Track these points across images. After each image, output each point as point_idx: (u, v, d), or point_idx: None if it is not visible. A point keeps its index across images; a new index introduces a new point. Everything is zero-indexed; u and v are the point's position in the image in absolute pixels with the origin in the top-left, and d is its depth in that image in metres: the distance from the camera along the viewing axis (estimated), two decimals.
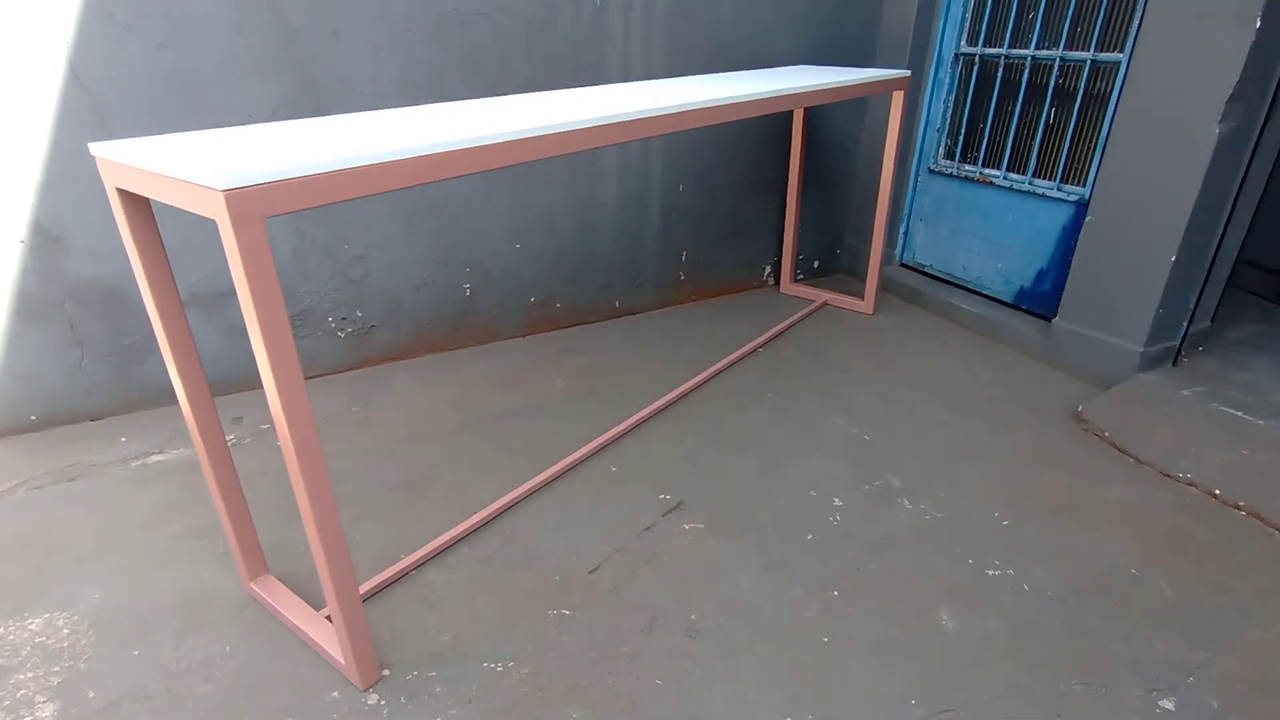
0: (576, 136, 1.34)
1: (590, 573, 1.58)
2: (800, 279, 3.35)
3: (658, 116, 1.53)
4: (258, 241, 0.94)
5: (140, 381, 2.23)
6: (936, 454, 2.01)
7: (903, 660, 1.37)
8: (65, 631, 1.44)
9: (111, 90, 1.95)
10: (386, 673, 1.34)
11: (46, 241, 2.01)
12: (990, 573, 1.58)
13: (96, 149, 1.13)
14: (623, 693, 1.30)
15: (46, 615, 1.48)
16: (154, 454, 2.03)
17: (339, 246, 2.37)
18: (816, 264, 3.38)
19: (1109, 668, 1.35)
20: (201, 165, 0.93)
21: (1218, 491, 1.81)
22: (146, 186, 1.04)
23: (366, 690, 1.30)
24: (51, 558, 1.64)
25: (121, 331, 2.17)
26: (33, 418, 2.14)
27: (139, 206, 1.17)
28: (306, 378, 2.45)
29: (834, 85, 2.17)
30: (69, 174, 1.97)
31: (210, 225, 2.18)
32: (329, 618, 1.43)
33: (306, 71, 2.13)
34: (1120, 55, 2.25)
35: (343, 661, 1.31)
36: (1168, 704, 1.28)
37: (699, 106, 1.65)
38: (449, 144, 1.13)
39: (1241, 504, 1.76)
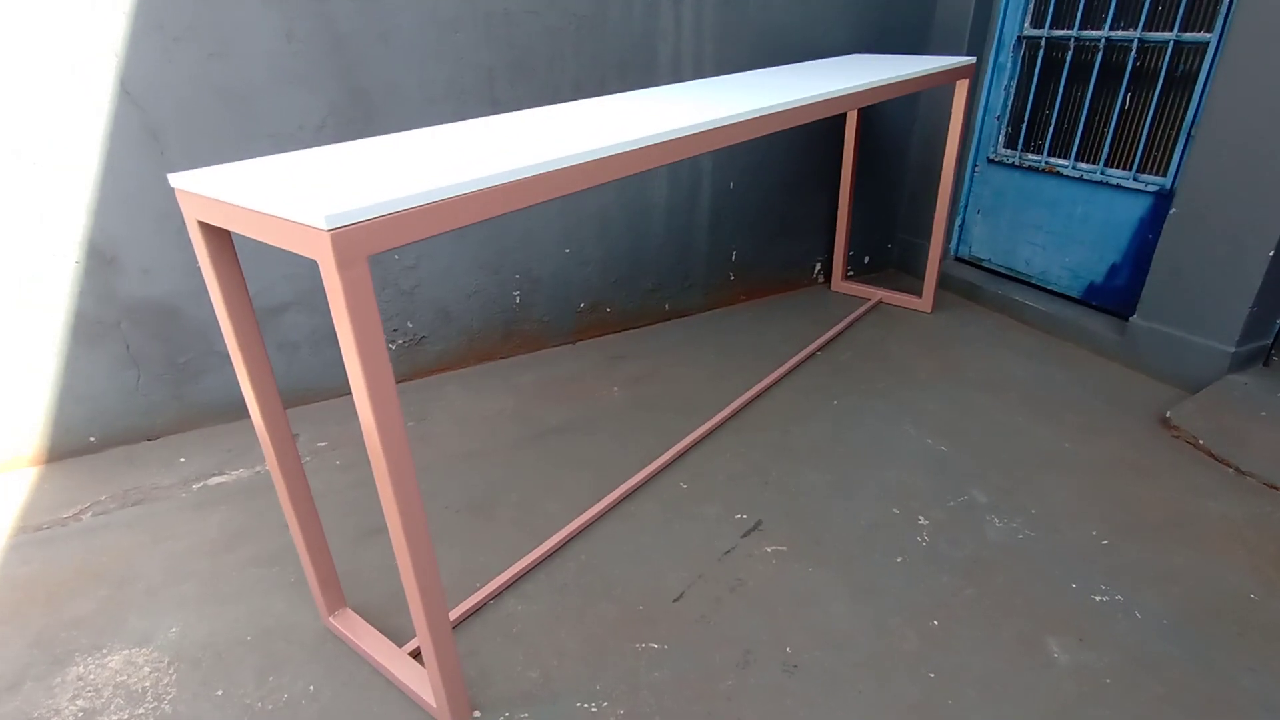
0: (674, 146, 1.27)
1: (674, 601, 1.53)
2: (851, 276, 3.25)
3: (738, 124, 1.45)
4: (361, 280, 0.88)
5: (195, 400, 2.21)
6: (1019, 465, 1.93)
7: (1016, 698, 1.30)
8: (146, 670, 1.41)
9: (162, 104, 1.90)
10: (478, 714, 1.29)
11: (101, 263, 1.98)
12: (1097, 598, 1.50)
13: (176, 180, 1.08)
14: None
15: (126, 652, 1.45)
16: (214, 475, 2.01)
17: (389, 256, 2.32)
18: (867, 259, 3.28)
19: (1241, 705, 1.27)
20: (304, 203, 0.87)
21: None
22: (236, 222, 0.98)
23: None
24: (123, 589, 1.61)
25: (176, 350, 2.14)
26: (91, 439, 2.12)
27: (221, 239, 1.11)
28: None
29: (896, 80, 2.06)
30: (122, 193, 1.93)
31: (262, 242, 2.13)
32: (413, 654, 1.39)
33: (355, 78, 2.07)
34: (1209, 35, 2.12)
35: (433, 703, 1.27)
36: None
37: (771, 111, 1.56)
38: (546, 164, 1.06)
39: None
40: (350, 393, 2.41)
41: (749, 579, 1.58)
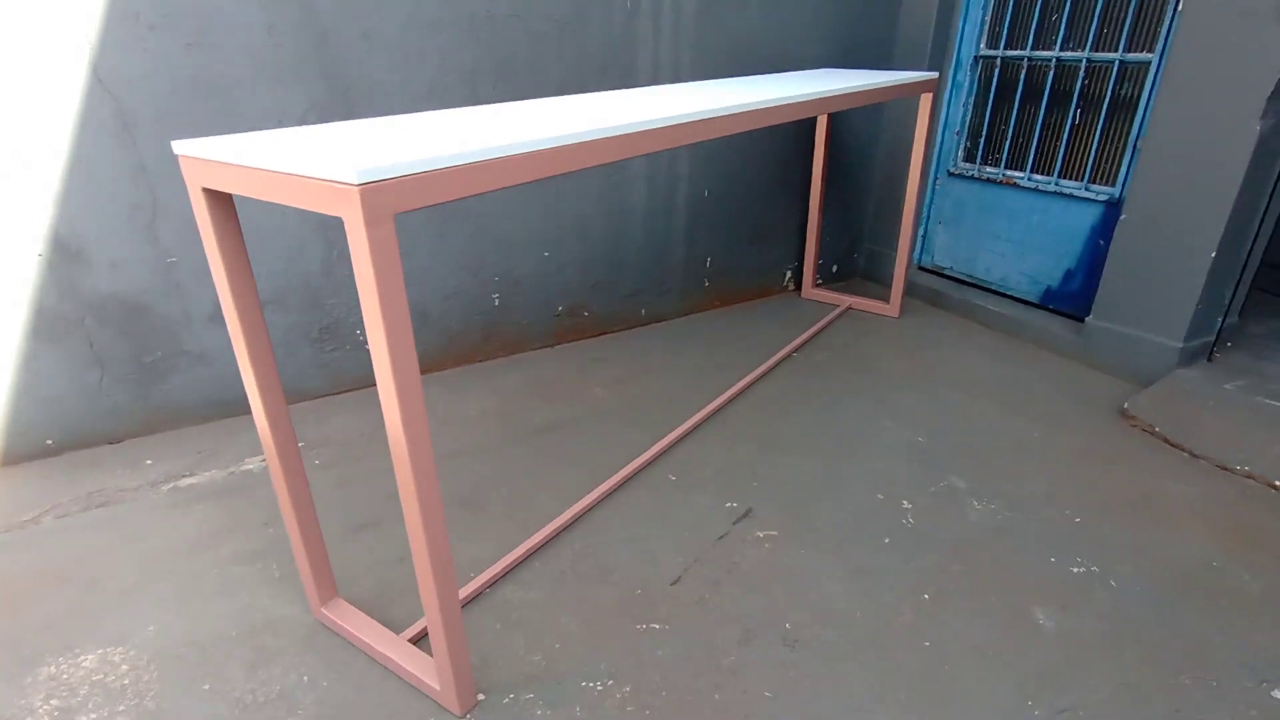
0: (687, 129, 1.32)
1: (672, 584, 1.54)
2: (820, 284, 3.35)
3: (738, 114, 1.50)
4: (388, 240, 0.88)
5: (162, 401, 2.12)
6: (993, 454, 2.01)
7: (1009, 662, 1.34)
8: (124, 668, 1.34)
9: (136, 94, 1.86)
10: (482, 697, 1.27)
11: (66, 256, 1.90)
12: (1075, 570, 1.57)
13: (181, 147, 1.06)
14: (733, 707, 1.25)
15: (100, 651, 1.38)
16: (185, 477, 1.93)
17: None
18: (835, 268, 3.39)
19: (1214, 661, 1.34)
20: (331, 161, 0.87)
21: (1278, 482, 1.83)
22: (251, 186, 0.97)
23: (464, 716, 1.23)
24: (93, 590, 1.53)
25: (143, 349, 2.06)
26: (49, 442, 2.02)
27: (224, 208, 1.10)
28: (334, 393, 2.36)
29: (868, 88, 2.17)
30: (91, 184, 1.87)
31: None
32: (412, 640, 1.36)
33: (337, 74, 2.07)
34: (1150, 55, 2.30)
35: (436, 686, 1.24)
36: None
37: (760, 107, 1.63)
38: (568, 137, 1.08)
39: None
40: (325, 395, 2.35)
41: (744, 562, 1.60)
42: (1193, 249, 2.18)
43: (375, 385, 2.43)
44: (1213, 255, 2.13)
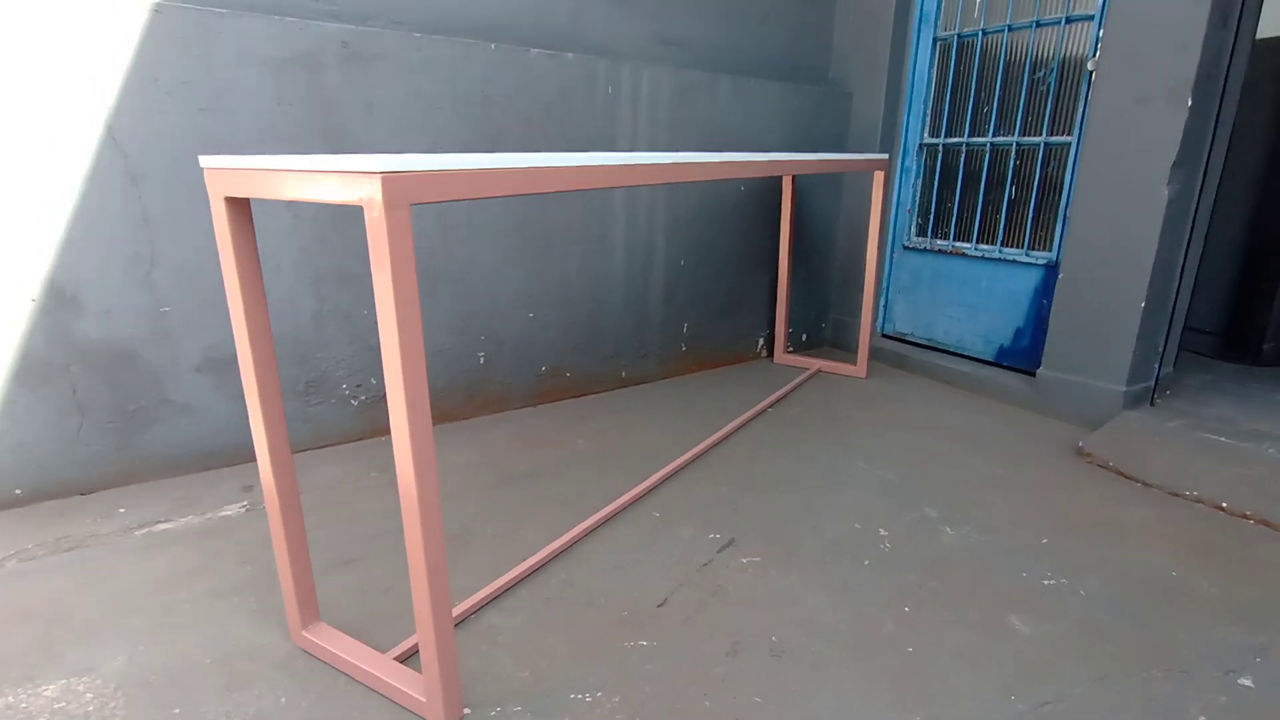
0: (664, 169, 1.48)
1: (658, 606, 1.54)
2: (791, 351, 3.50)
3: (705, 164, 1.68)
4: (404, 225, 0.98)
5: (141, 451, 2.11)
6: (962, 488, 2.09)
7: (989, 662, 1.37)
8: (88, 696, 1.29)
9: (147, 152, 1.98)
10: (468, 711, 1.24)
11: (59, 301, 1.95)
12: (1046, 582, 1.62)
13: (207, 161, 1.16)
14: (724, 712, 1.25)
15: (63, 681, 1.32)
16: (160, 522, 1.90)
17: (358, 311, 2.38)
18: (804, 337, 3.56)
19: (1182, 655, 1.39)
20: (356, 158, 0.98)
21: (1224, 505, 1.93)
22: (278, 187, 1.07)
23: None
24: (58, 625, 1.48)
25: (127, 397, 2.07)
26: (17, 491, 1.98)
27: (243, 218, 1.19)
28: (318, 446, 2.37)
29: (831, 159, 2.41)
30: (93, 234, 1.95)
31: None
32: (398, 659, 1.33)
33: (338, 141, 2.23)
34: (1069, 138, 2.60)
35: (423, 699, 1.22)
36: (1247, 681, 1.32)
37: (738, 160, 1.82)
38: (558, 159, 1.22)
39: (1249, 513, 1.89)
40: (309, 448, 2.35)
41: (729, 585, 1.62)
42: (1124, 301, 2.38)
43: (359, 440, 2.44)
44: (1142, 305, 2.33)
